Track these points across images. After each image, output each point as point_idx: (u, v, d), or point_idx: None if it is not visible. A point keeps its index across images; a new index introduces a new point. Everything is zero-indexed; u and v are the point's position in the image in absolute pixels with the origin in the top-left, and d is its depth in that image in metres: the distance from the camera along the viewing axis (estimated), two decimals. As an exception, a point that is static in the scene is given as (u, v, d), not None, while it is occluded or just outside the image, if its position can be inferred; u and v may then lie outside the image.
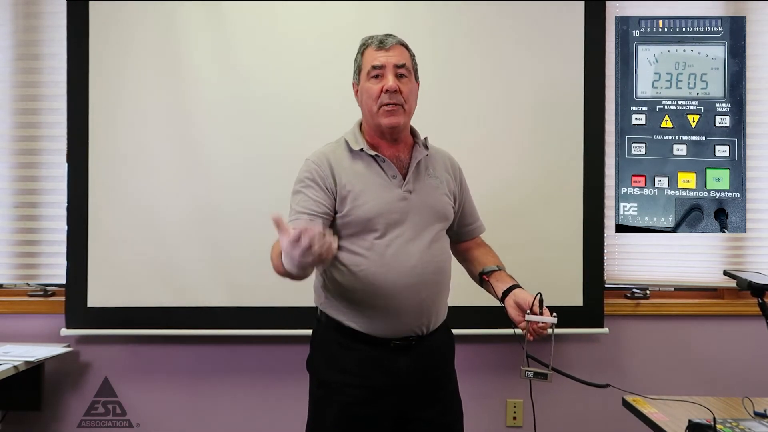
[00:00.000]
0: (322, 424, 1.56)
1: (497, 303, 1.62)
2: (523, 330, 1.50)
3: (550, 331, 1.49)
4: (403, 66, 1.57)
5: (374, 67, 1.56)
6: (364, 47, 1.62)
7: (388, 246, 1.53)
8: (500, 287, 1.60)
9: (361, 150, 1.58)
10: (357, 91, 1.65)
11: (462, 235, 1.77)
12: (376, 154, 1.58)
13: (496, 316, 1.68)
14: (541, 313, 1.48)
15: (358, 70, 1.63)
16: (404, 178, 1.59)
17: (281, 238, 1.20)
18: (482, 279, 1.67)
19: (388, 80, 1.54)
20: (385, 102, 1.55)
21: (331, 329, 1.59)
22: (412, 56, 1.63)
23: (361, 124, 1.67)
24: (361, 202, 1.54)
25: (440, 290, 1.62)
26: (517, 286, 1.58)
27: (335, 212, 1.56)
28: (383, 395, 1.55)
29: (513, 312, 1.53)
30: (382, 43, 1.58)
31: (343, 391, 1.54)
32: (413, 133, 1.67)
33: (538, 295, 1.49)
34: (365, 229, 1.54)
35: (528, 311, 1.48)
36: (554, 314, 1.48)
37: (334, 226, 1.57)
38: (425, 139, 1.67)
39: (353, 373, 1.55)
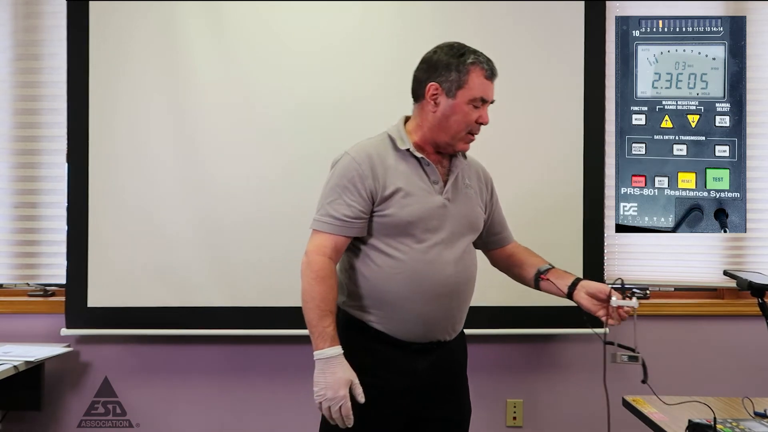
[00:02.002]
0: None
1: (497, 303, 1.62)
2: (603, 318, 1.53)
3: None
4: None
5: (482, 100, 1.54)
6: (471, 64, 1.53)
7: (426, 252, 1.52)
8: (563, 283, 1.62)
9: (407, 150, 1.56)
10: (435, 94, 1.54)
11: (491, 243, 1.77)
12: (422, 157, 1.56)
13: (495, 316, 1.69)
14: (623, 298, 1.51)
15: (456, 84, 1.52)
16: (445, 185, 1.58)
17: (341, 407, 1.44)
18: (539, 278, 1.67)
19: (486, 115, 1.56)
20: (475, 132, 1.57)
21: (350, 328, 1.58)
22: None
23: (405, 122, 1.63)
24: (404, 204, 1.52)
25: (467, 300, 1.63)
26: (580, 278, 1.61)
27: (372, 211, 1.53)
28: (398, 396, 1.56)
29: (587, 303, 1.56)
30: (493, 73, 1.56)
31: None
32: None
33: (620, 280, 1.52)
34: (404, 232, 1.52)
35: (613, 297, 1.51)
36: (634, 297, 1.52)
37: (371, 225, 1.54)
38: None
39: (370, 374, 1.53)
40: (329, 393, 1.44)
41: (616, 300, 1.50)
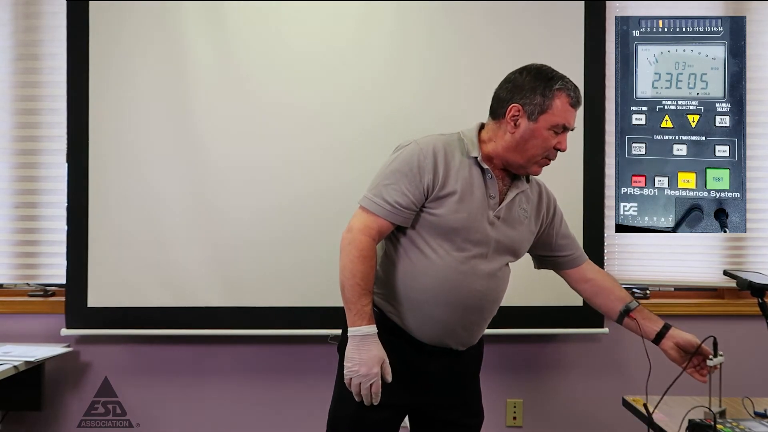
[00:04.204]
0: (348, 406, 1.53)
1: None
2: (688, 372, 1.59)
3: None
4: None
5: (564, 127, 1.53)
6: (558, 89, 1.51)
7: (462, 262, 1.52)
8: (651, 327, 1.64)
9: (475, 158, 1.55)
10: (516, 116, 1.53)
11: (562, 264, 1.76)
12: (487, 168, 1.55)
13: (495, 316, 1.68)
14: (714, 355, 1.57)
15: (540, 108, 1.51)
16: (500, 203, 1.57)
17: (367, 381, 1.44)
18: (624, 315, 1.68)
19: (565, 142, 1.54)
20: (551, 157, 1.56)
21: None
22: None
23: (479, 130, 1.61)
24: (456, 209, 1.51)
25: (488, 317, 1.63)
26: (668, 325, 1.63)
27: (423, 206, 1.53)
28: (407, 391, 1.56)
29: (675, 354, 1.61)
30: (578, 101, 1.54)
31: None
32: None
33: (712, 338, 1.56)
34: (445, 236, 1.52)
35: (710, 357, 1.57)
36: (721, 354, 1.57)
37: (417, 219, 1.54)
38: None
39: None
40: (363, 369, 1.44)
41: (712, 360, 1.56)
